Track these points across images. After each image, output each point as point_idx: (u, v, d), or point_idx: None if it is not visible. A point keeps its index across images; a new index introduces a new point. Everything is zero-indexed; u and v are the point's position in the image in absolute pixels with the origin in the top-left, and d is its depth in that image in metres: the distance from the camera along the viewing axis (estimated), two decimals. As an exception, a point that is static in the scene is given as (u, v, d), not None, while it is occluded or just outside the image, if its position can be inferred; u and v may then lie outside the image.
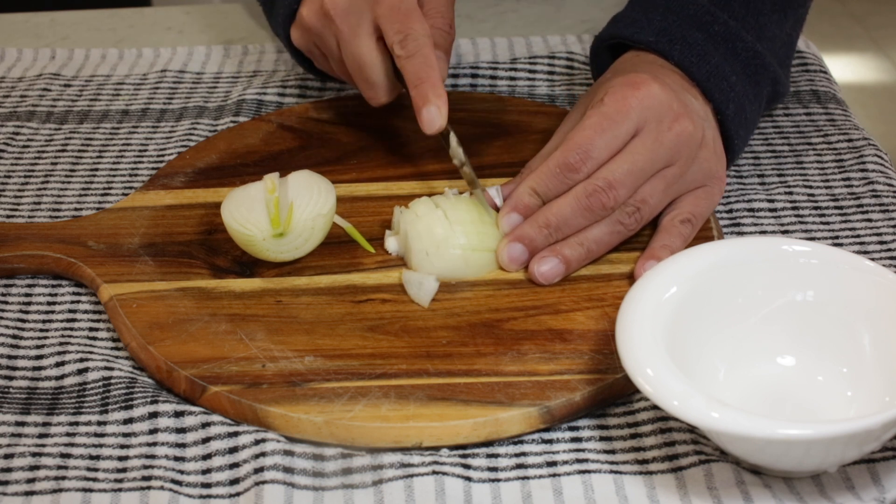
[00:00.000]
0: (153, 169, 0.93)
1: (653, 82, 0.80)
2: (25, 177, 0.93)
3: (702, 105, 0.83)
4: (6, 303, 0.81)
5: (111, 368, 0.74)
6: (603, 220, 0.79)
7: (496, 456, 0.69)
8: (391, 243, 0.81)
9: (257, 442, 0.69)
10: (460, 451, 0.69)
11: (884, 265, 0.79)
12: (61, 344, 0.77)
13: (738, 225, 0.85)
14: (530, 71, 1.03)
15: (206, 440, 0.70)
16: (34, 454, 0.69)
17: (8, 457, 0.69)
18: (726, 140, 0.84)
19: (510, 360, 0.73)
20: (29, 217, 0.89)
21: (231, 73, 1.05)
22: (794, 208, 0.87)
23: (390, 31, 0.83)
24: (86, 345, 0.77)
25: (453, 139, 0.83)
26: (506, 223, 0.79)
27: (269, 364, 0.73)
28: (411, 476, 0.67)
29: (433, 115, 0.81)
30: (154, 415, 0.71)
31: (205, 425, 0.70)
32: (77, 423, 0.71)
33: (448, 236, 0.78)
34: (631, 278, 0.78)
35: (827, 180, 0.89)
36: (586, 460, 0.68)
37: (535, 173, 0.79)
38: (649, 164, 0.78)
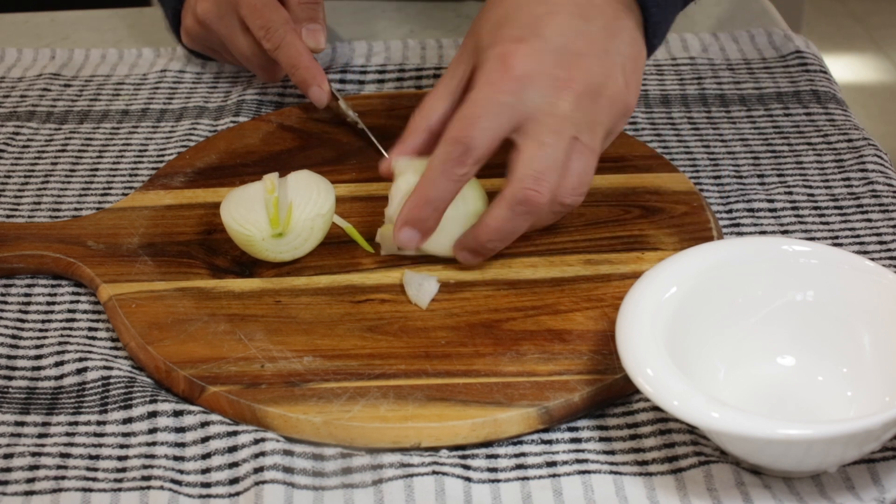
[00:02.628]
0: (153, 169, 0.93)
1: (527, 53, 0.74)
2: (25, 177, 0.93)
3: (605, 12, 0.76)
4: (6, 303, 0.81)
5: (110, 368, 0.74)
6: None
7: (496, 456, 0.69)
8: (383, 239, 0.81)
9: (257, 441, 0.69)
10: (460, 452, 0.69)
11: (884, 265, 0.79)
12: (60, 344, 0.77)
13: (737, 225, 0.85)
14: (530, 71, 1.03)
15: (205, 440, 0.70)
16: (34, 454, 0.69)
17: (8, 457, 0.69)
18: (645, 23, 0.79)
19: (509, 361, 0.72)
20: (29, 217, 0.89)
21: (231, 73, 1.05)
22: (793, 208, 0.87)
23: (254, 28, 0.94)
24: (85, 345, 0.77)
25: (343, 104, 0.94)
26: (404, 237, 0.77)
27: (267, 364, 0.73)
28: (411, 476, 0.67)
29: (317, 95, 0.93)
30: (153, 414, 0.71)
31: (204, 424, 0.70)
32: (76, 423, 0.71)
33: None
34: (631, 278, 0.78)
35: (827, 180, 0.89)
36: (586, 461, 0.68)
37: (423, 177, 0.76)
38: (552, 143, 0.74)
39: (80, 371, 0.74)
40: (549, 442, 0.70)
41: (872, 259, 0.81)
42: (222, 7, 0.95)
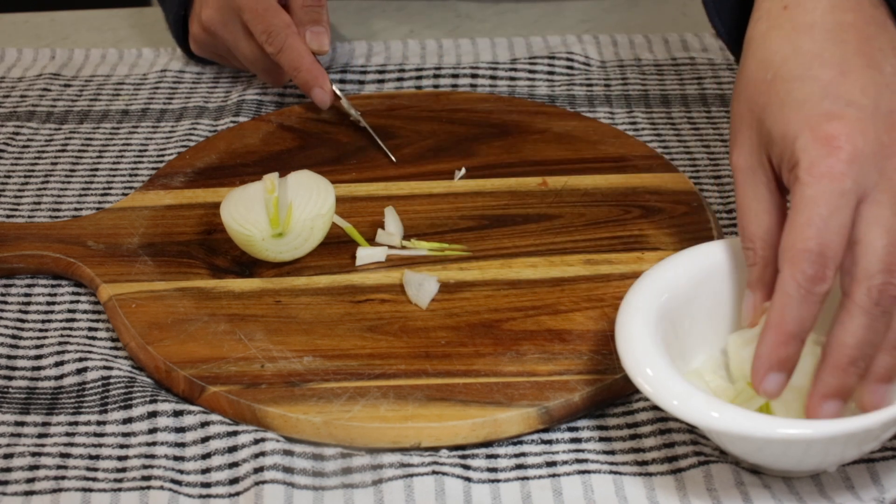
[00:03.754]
0: (153, 169, 0.93)
1: (850, 129, 0.64)
2: (25, 177, 0.93)
3: (888, 50, 0.67)
4: (6, 303, 0.81)
5: (110, 368, 0.74)
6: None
7: (496, 456, 0.69)
8: (382, 236, 0.81)
9: (257, 441, 0.69)
10: (460, 452, 0.69)
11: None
12: (60, 344, 0.77)
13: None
14: (530, 71, 1.03)
15: (205, 440, 0.70)
16: (34, 454, 0.69)
17: (8, 457, 0.69)
18: None
19: (509, 361, 0.72)
20: (29, 217, 0.89)
21: (231, 73, 1.05)
22: (793, 208, 0.86)
23: (256, 33, 0.94)
24: (85, 344, 0.77)
25: (345, 102, 0.95)
26: (770, 385, 0.64)
27: (267, 364, 0.73)
28: (411, 476, 0.67)
29: (320, 96, 0.94)
30: (153, 414, 0.71)
31: (204, 424, 0.70)
32: (76, 423, 0.71)
33: None
34: (631, 278, 0.78)
35: (827, 180, 0.89)
36: (586, 461, 0.68)
37: (775, 309, 0.63)
38: None
39: (80, 371, 0.74)
40: (549, 442, 0.70)
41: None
42: (226, 13, 0.96)
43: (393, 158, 0.90)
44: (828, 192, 0.62)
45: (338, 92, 0.95)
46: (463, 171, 0.89)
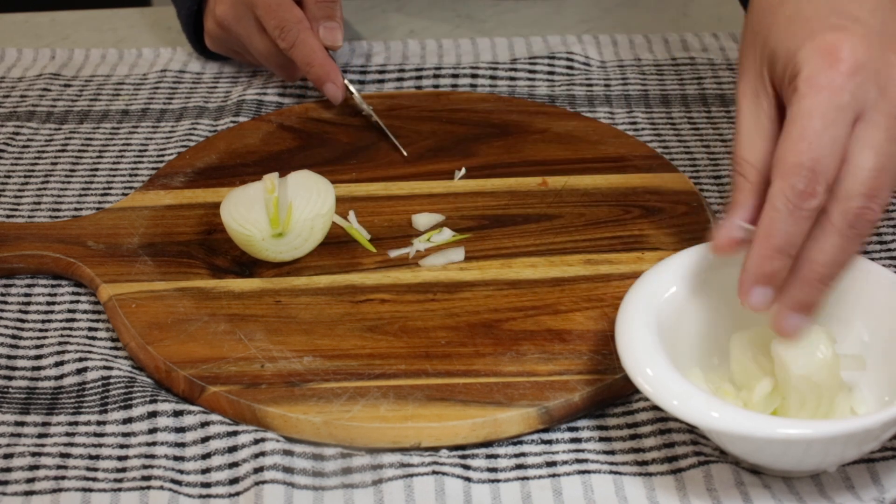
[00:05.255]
0: (153, 169, 0.93)
1: (854, 42, 0.62)
2: (25, 177, 0.93)
3: None
4: (6, 303, 0.81)
5: (110, 368, 0.74)
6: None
7: (496, 456, 0.69)
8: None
9: (257, 441, 0.69)
10: (460, 452, 0.69)
11: (884, 265, 0.79)
12: (60, 344, 0.77)
13: (737, 225, 0.85)
14: (530, 71, 1.03)
15: (205, 440, 0.70)
16: (34, 454, 0.69)
17: (8, 457, 0.69)
18: None
19: (509, 361, 0.72)
20: (29, 217, 0.89)
21: (231, 73, 1.05)
22: (794, 208, 0.86)
23: (269, 28, 0.95)
24: (85, 345, 0.77)
25: (357, 97, 0.95)
26: (756, 300, 0.64)
27: (267, 364, 0.73)
28: (411, 476, 0.67)
29: (332, 91, 0.94)
30: (153, 414, 0.71)
31: (204, 424, 0.70)
32: (76, 423, 0.71)
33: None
34: (631, 278, 0.78)
35: (827, 180, 0.89)
36: (586, 461, 0.68)
37: (764, 223, 0.63)
38: (893, 149, 0.62)
39: (80, 371, 0.75)
40: (549, 442, 0.70)
41: (872, 259, 0.81)
42: (239, 9, 0.97)
43: (404, 152, 0.90)
44: (824, 105, 0.61)
45: (350, 87, 0.95)
46: (463, 171, 0.89)
